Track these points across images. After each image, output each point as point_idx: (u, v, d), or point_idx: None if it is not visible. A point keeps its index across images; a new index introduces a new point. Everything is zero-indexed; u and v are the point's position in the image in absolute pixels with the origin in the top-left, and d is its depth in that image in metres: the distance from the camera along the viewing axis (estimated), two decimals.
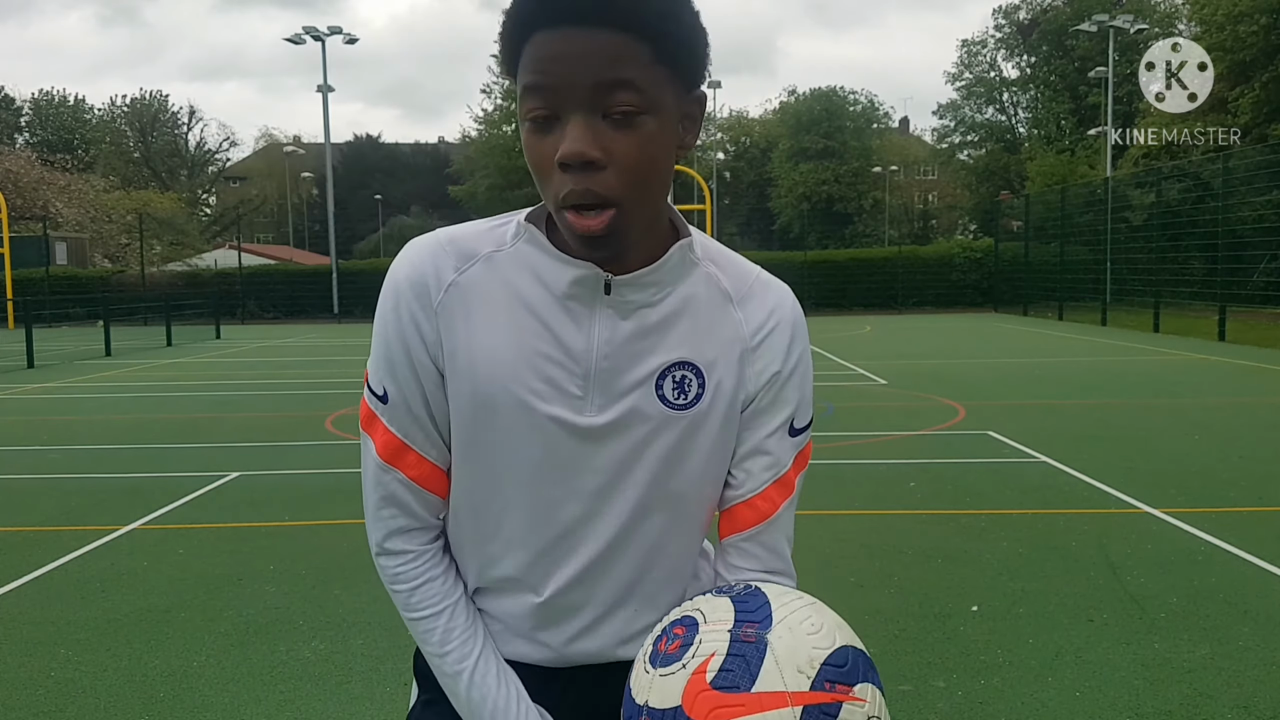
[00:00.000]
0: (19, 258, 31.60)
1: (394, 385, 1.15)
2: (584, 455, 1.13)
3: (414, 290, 1.13)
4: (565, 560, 1.17)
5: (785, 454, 1.20)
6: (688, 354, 1.13)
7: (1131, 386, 12.04)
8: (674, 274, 1.13)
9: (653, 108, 1.01)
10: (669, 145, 1.05)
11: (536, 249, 1.12)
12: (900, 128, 64.61)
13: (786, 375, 1.18)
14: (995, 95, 49.29)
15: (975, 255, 33.66)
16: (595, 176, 0.99)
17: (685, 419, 1.14)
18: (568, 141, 0.99)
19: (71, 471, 7.55)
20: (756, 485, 1.20)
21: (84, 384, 14.04)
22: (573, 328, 1.11)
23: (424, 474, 1.18)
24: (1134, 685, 3.44)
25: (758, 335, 1.17)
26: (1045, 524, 5.59)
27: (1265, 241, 21.25)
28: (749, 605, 0.99)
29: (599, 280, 1.10)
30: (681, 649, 0.97)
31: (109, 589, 4.67)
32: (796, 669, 0.93)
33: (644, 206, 1.05)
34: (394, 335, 1.14)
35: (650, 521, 1.17)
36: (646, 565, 1.19)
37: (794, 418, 1.20)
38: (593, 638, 1.21)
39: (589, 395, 1.12)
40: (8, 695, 3.51)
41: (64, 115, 62.01)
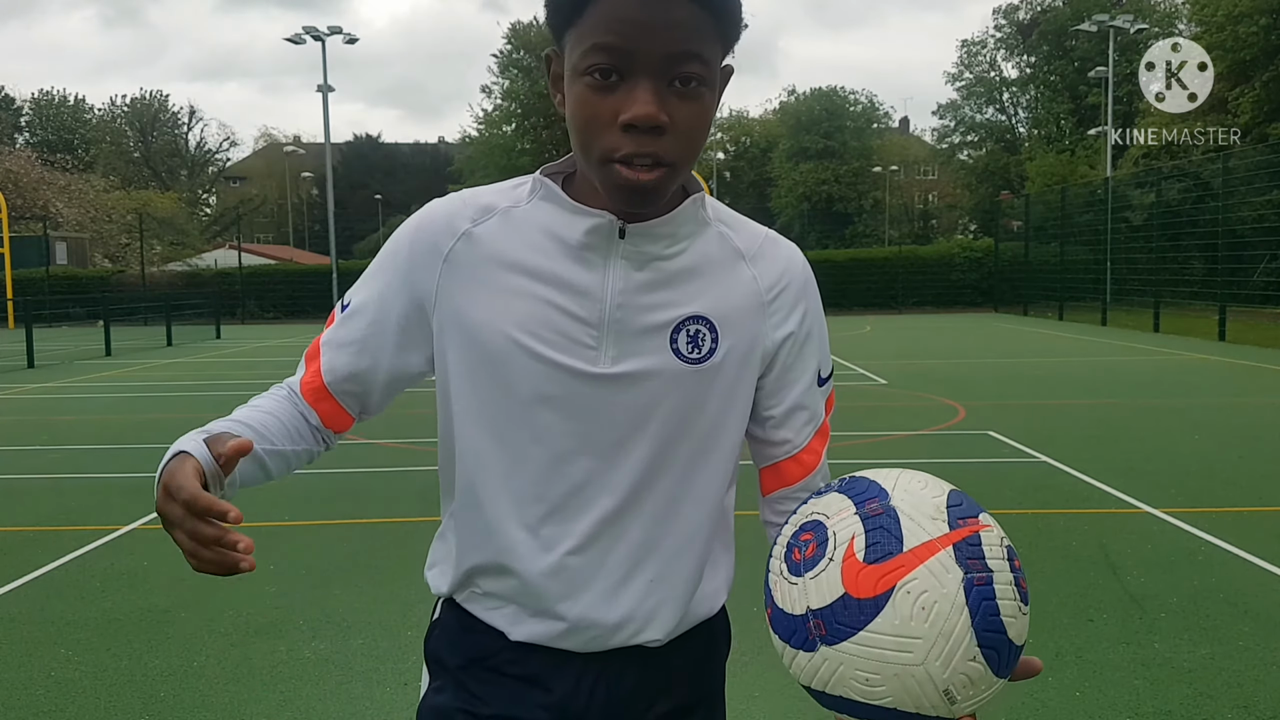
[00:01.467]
0: (19, 258, 31.61)
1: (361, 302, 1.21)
2: (597, 407, 1.13)
3: (428, 232, 1.17)
4: (578, 515, 1.15)
5: (818, 405, 1.26)
6: (702, 309, 1.15)
7: (1131, 386, 12.04)
8: (687, 227, 1.15)
9: (711, 80, 1.06)
10: (713, 115, 1.10)
11: (553, 203, 1.14)
12: (900, 128, 64.61)
13: (806, 332, 1.23)
14: (995, 95, 49.29)
15: (975, 255, 33.65)
16: (658, 140, 1.03)
17: (699, 374, 1.15)
18: (639, 104, 1.01)
19: (71, 471, 7.55)
20: (802, 440, 1.25)
21: (84, 384, 14.04)
22: (587, 275, 1.12)
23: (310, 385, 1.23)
24: (1134, 685, 3.44)
25: (772, 291, 1.20)
26: (1045, 524, 5.59)
27: (1265, 241, 21.26)
28: (857, 488, 1.03)
29: (613, 227, 1.11)
30: (819, 548, 0.99)
31: (109, 589, 4.67)
32: (930, 518, 0.98)
33: (687, 170, 1.10)
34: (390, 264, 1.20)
35: (664, 479, 1.16)
36: (660, 527, 1.17)
37: (820, 369, 1.25)
38: (611, 606, 1.17)
39: (602, 345, 1.12)
40: (8, 695, 3.51)
41: (64, 115, 62.03)
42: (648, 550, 1.18)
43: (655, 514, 1.17)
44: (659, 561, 1.18)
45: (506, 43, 45.48)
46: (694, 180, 1.18)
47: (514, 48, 45.26)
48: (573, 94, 1.06)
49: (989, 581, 0.97)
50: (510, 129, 45.49)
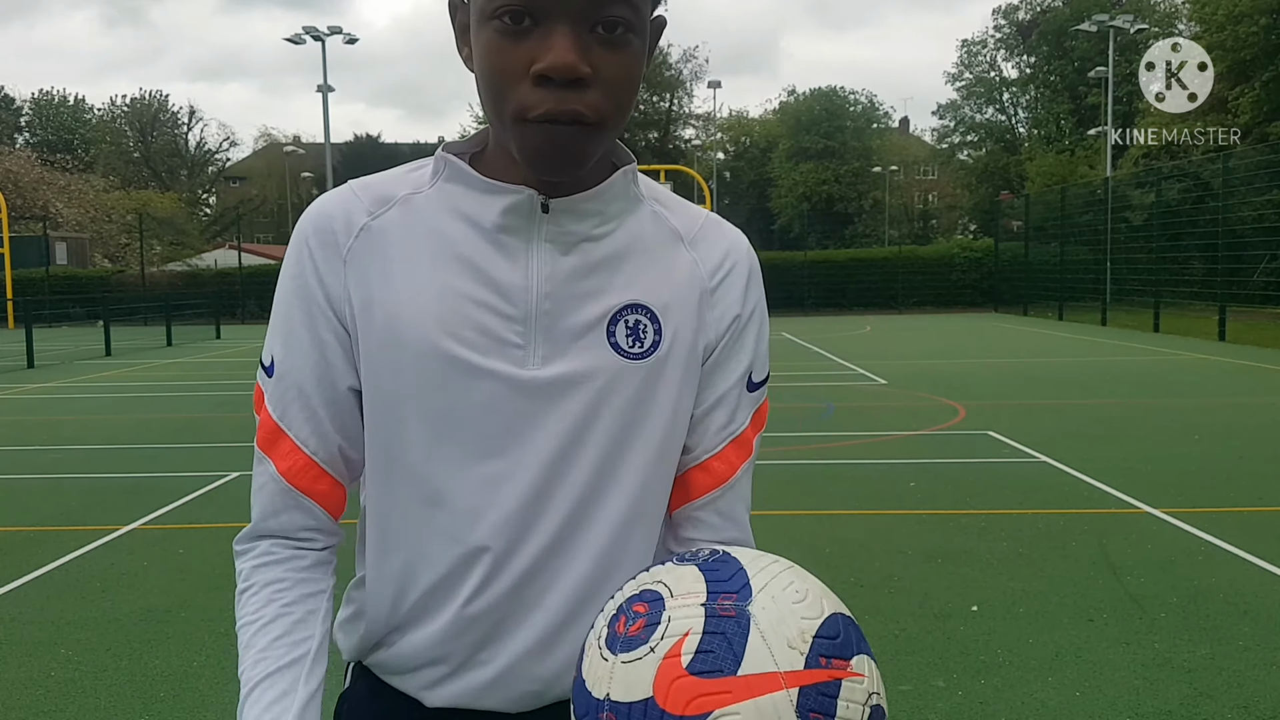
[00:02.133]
0: (19, 258, 31.61)
1: (283, 352, 1.00)
2: (531, 417, 0.97)
3: (319, 238, 0.99)
4: (513, 548, 0.97)
5: (743, 410, 1.06)
6: (640, 295, 0.99)
7: (1131, 386, 12.04)
8: (617, 205, 1.00)
9: (640, 27, 0.91)
10: (643, 69, 0.94)
11: (460, 184, 0.99)
12: (900, 128, 64.61)
13: (745, 320, 1.05)
14: (995, 95, 49.31)
15: (975, 255, 33.65)
16: (579, 95, 0.88)
17: (642, 369, 0.99)
18: (556, 52, 0.86)
19: (71, 471, 7.55)
20: (712, 445, 1.05)
21: (84, 384, 14.04)
22: (506, 264, 0.96)
23: (296, 468, 1.00)
24: (1134, 685, 3.44)
25: (715, 276, 1.04)
26: (1045, 524, 5.59)
27: (1265, 241, 21.26)
28: (721, 573, 0.83)
29: (534, 204, 0.96)
30: (646, 629, 0.81)
31: (109, 589, 4.67)
32: (787, 644, 0.79)
33: (614, 132, 0.94)
34: (292, 292, 1.00)
35: (613, 494, 0.99)
36: (610, 554, 1.00)
37: (752, 369, 1.07)
38: (550, 653, 0.99)
39: (530, 344, 0.96)
40: (8, 695, 3.51)
41: (64, 115, 62.04)
42: (595, 583, 0.99)
43: (603, 539, 0.99)
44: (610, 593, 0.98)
45: None
46: (622, 150, 1.02)
47: None
48: (480, 43, 0.91)
49: None
50: None
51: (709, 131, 55.09)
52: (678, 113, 53.44)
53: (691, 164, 48.07)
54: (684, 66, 51.57)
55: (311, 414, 1.00)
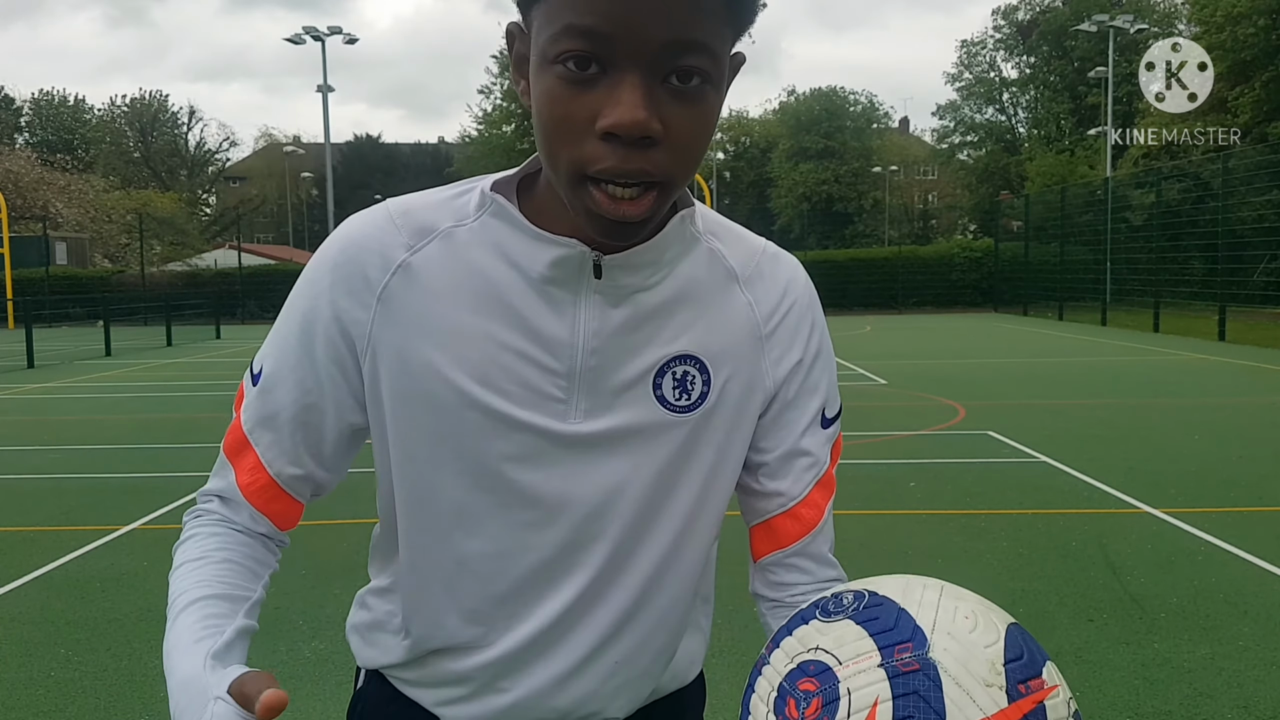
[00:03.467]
0: (19, 258, 31.61)
1: (274, 366, 0.97)
2: (568, 471, 0.94)
3: (352, 267, 0.93)
4: (542, 599, 0.97)
5: (822, 450, 1.04)
6: (690, 346, 0.95)
7: (1131, 386, 12.04)
8: (673, 251, 0.95)
9: (718, 76, 0.83)
10: (717, 120, 0.87)
11: (506, 224, 0.92)
12: (900, 128, 64.61)
13: (810, 361, 1.02)
14: (995, 95, 49.31)
15: (975, 255, 33.68)
16: (647, 154, 0.80)
17: (688, 423, 0.96)
18: (625, 107, 0.78)
19: (71, 471, 7.55)
20: (799, 491, 1.02)
21: (84, 384, 14.04)
22: (553, 317, 0.92)
23: (257, 486, 0.98)
24: (1134, 685, 3.44)
25: (772, 320, 1.00)
26: (1045, 524, 5.59)
27: (1265, 241, 21.26)
28: (883, 620, 0.75)
29: (585, 261, 0.90)
30: (826, 708, 0.72)
31: (109, 589, 4.67)
32: (983, 684, 0.72)
33: (682, 188, 0.88)
34: (302, 312, 0.96)
35: (645, 550, 0.97)
36: (637, 605, 0.99)
37: (825, 407, 1.04)
38: (564, 690, 1.00)
39: (573, 398, 0.93)
40: (8, 695, 3.51)
41: (64, 115, 62.01)
42: (618, 630, 0.99)
43: (632, 591, 0.98)
44: (629, 641, 1.00)
45: None
46: (684, 193, 0.95)
47: None
48: (540, 87, 0.83)
49: None
50: (510, 129, 45.51)
51: None
52: None
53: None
54: None
55: (283, 439, 0.97)
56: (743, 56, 0.90)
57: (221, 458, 1.00)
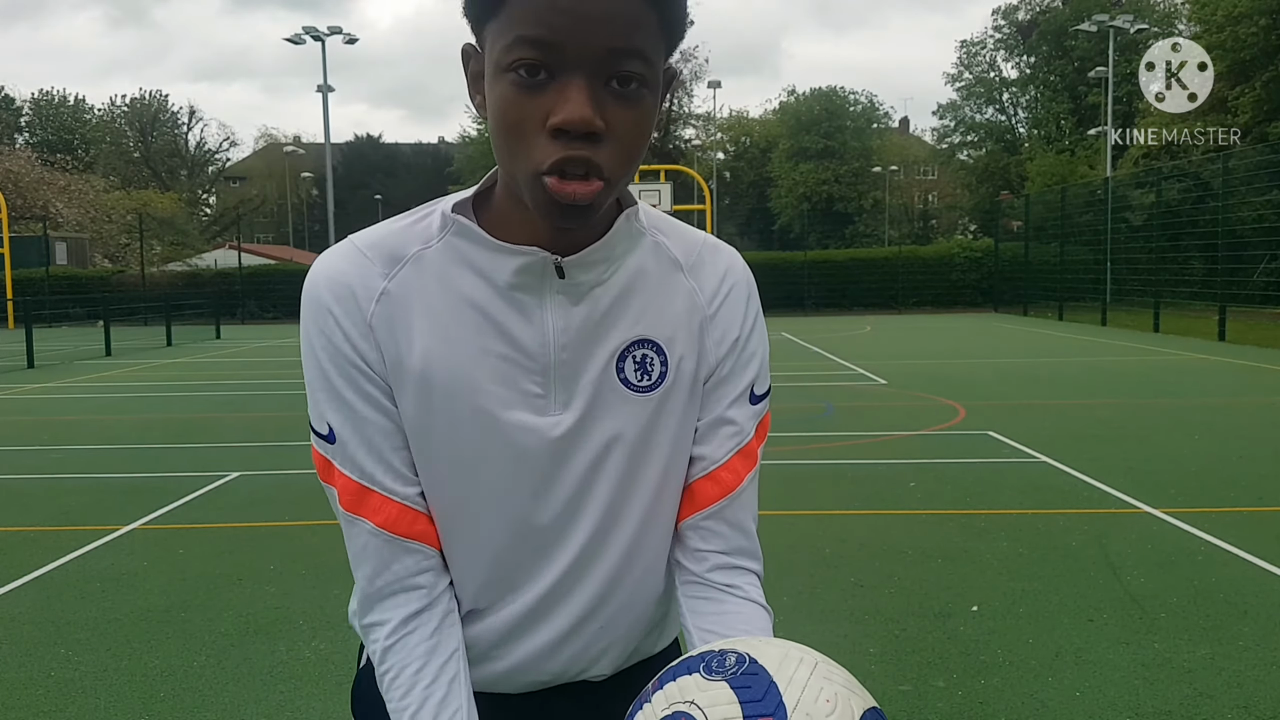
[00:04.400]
0: (19, 258, 31.62)
1: (338, 417, 1.03)
2: (553, 459, 1.04)
3: (341, 307, 1.01)
4: (536, 575, 1.08)
5: (747, 422, 1.12)
6: (646, 331, 1.06)
7: (1131, 386, 12.04)
8: (622, 246, 1.05)
9: (652, 81, 0.93)
10: (654, 122, 0.97)
11: (469, 241, 1.01)
12: (900, 128, 64.62)
13: (745, 339, 1.11)
14: (995, 95, 49.31)
15: (975, 255, 33.67)
16: (593, 147, 0.90)
17: (650, 402, 1.06)
18: (572, 106, 0.88)
19: (71, 471, 7.55)
20: (719, 456, 1.10)
21: (84, 384, 14.04)
22: (522, 322, 1.02)
23: (392, 517, 1.04)
24: (1134, 685, 3.44)
25: (714, 302, 1.10)
26: (1045, 524, 5.59)
27: (1265, 241, 21.26)
28: (754, 690, 0.82)
29: (547, 265, 1.00)
30: None
31: (109, 589, 4.67)
32: None
33: (624, 183, 0.97)
34: (328, 359, 1.02)
35: (623, 522, 1.08)
36: (620, 571, 1.09)
37: (754, 383, 1.12)
38: (555, 656, 1.10)
39: (550, 393, 1.03)
40: (8, 695, 3.51)
41: (64, 115, 62.01)
42: (601, 599, 1.10)
43: (613, 561, 1.09)
44: (613, 606, 1.11)
45: None
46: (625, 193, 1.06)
47: None
48: (495, 94, 0.92)
49: None
50: None
51: (709, 131, 55.10)
52: (678, 113, 53.41)
53: (691, 164, 48.04)
54: (684, 66, 51.56)
55: (388, 464, 1.04)
56: (674, 71, 1.01)
57: (346, 520, 1.06)
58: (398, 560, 1.04)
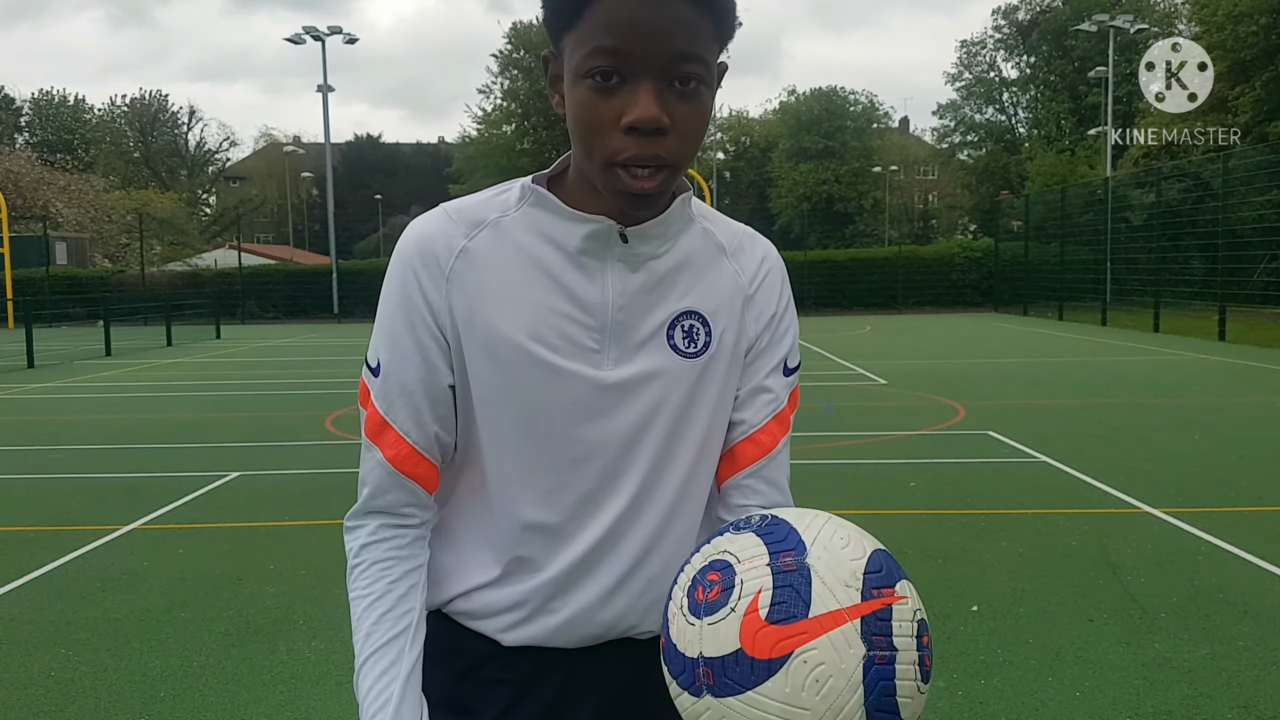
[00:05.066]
0: (19, 258, 31.62)
1: (389, 355, 1.16)
2: (606, 410, 1.15)
3: (423, 259, 1.14)
4: (589, 521, 1.17)
5: (782, 391, 1.25)
6: (694, 303, 1.18)
7: (1131, 386, 12.04)
8: (676, 226, 1.17)
9: (709, 78, 1.06)
10: (711, 113, 1.10)
11: (544, 210, 1.15)
12: (900, 128, 64.60)
13: (779, 316, 1.25)
14: (995, 95, 49.30)
15: (975, 255, 33.66)
16: (660, 141, 1.03)
17: (696, 367, 1.17)
18: (641, 107, 1.02)
19: (71, 471, 7.55)
20: (758, 421, 1.23)
21: (84, 384, 14.04)
22: (586, 282, 1.14)
23: (401, 455, 1.16)
24: (1134, 685, 3.44)
25: (754, 283, 1.23)
26: (1045, 524, 5.59)
27: (1265, 241, 21.25)
28: (776, 535, 0.99)
29: (611, 233, 1.13)
30: (724, 594, 0.96)
31: (109, 589, 4.67)
32: (844, 584, 0.95)
33: (686, 167, 1.10)
34: (397, 305, 1.16)
35: (669, 475, 1.18)
36: (663, 526, 1.19)
37: (788, 357, 1.26)
38: (607, 605, 1.19)
39: (605, 349, 1.14)
40: (8, 695, 3.51)
41: (64, 115, 61.99)
42: (648, 550, 1.19)
43: (660, 513, 1.18)
44: (659, 560, 1.19)
45: (507, 42, 45.48)
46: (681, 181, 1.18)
47: (514, 47, 45.25)
48: (574, 97, 1.06)
49: (891, 661, 0.94)
50: (510, 129, 45.46)
51: (709, 131, 55.07)
52: None
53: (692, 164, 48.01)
54: None
55: (415, 409, 1.16)
56: (725, 65, 1.13)
57: (365, 444, 1.18)
58: (393, 491, 1.17)
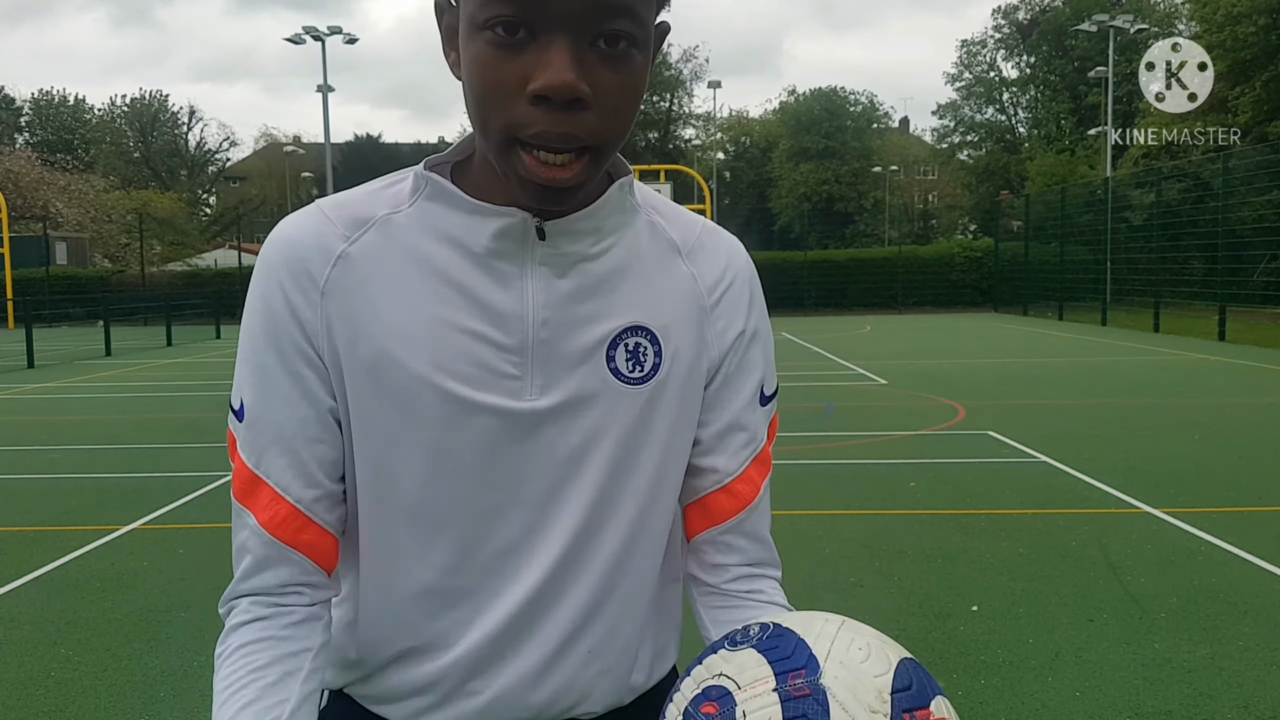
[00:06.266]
0: (19, 258, 31.62)
1: (252, 394, 0.92)
2: (527, 450, 0.92)
3: (290, 268, 0.91)
4: (509, 583, 0.94)
5: (759, 427, 1.03)
6: (640, 317, 0.94)
7: (1131, 386, 12.04)
8: (613, 219, 0.94)
9: (644, 40, 0.84)
10: (645, 84, 0.87)
11: (444, 204, 0.92)
12: (900, 128, 64.60)
13: (750, 335, 1.01)
14: (995, 95, 49.32)
15: (975, 255, 33.68)
16: (577, 116, 0.81)
17: (643, 394, 0.95)
18: (553, 70, 0.79)
19: (71, 471, 7.55)
20: (736, 467, 1.01)
21: (84, 384, 14.04)
22: (500, 292, 0.90)
23: (279, 518, 0.92)
24: (1134, 685, 3.44)
25: (715, 291, 0.99)
26: (1045, 524, 5.59)
27: (1265, 241, 21.25)
28: (781, 649, 0.80)
29: (528, 228, 0.89)
30: None
31: (109, 589, 4.67)
32: (868, 709, 0.77)
33: (613, 152, 0.87)
34: (261, 328, 0.92)
35: (610, 525, 0.96)
36: (605, 585, 0.97)
37: (763, 384, 1.03)
38: (540, 684, 0.97)
39: (527, 375, 0.91)
40: (8, 695, 3.51)
41: (64, 115, 62.01)
42: (588, 615, 0.97)
43: (600, 570, 0.96)
44: (601, 626, 0.98)
45: None
46: (619, 160, 0.96)
47: None
48: (469, 54, 0.83)
49: None
50: None
51: (709, 131, 55.08)
52: (678, 113, 53.45)
53: (691, 164, 48.03)
54: (684, 66, 51.59)
55: (293, 458, 0.92)
56: (667, 25, 0.91)
57: (235, 509, 0.94)
58: (272, 567, 0.93)
